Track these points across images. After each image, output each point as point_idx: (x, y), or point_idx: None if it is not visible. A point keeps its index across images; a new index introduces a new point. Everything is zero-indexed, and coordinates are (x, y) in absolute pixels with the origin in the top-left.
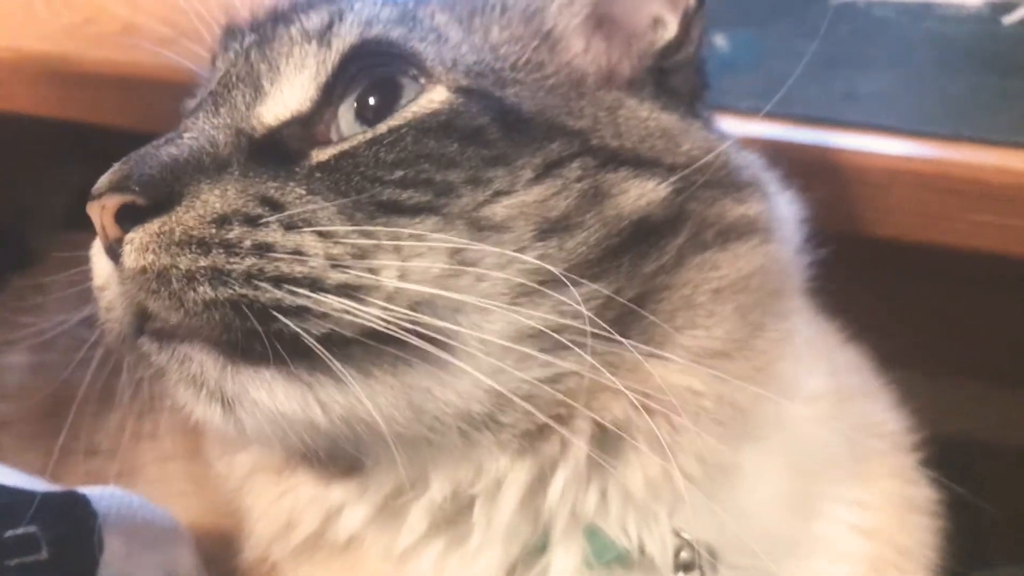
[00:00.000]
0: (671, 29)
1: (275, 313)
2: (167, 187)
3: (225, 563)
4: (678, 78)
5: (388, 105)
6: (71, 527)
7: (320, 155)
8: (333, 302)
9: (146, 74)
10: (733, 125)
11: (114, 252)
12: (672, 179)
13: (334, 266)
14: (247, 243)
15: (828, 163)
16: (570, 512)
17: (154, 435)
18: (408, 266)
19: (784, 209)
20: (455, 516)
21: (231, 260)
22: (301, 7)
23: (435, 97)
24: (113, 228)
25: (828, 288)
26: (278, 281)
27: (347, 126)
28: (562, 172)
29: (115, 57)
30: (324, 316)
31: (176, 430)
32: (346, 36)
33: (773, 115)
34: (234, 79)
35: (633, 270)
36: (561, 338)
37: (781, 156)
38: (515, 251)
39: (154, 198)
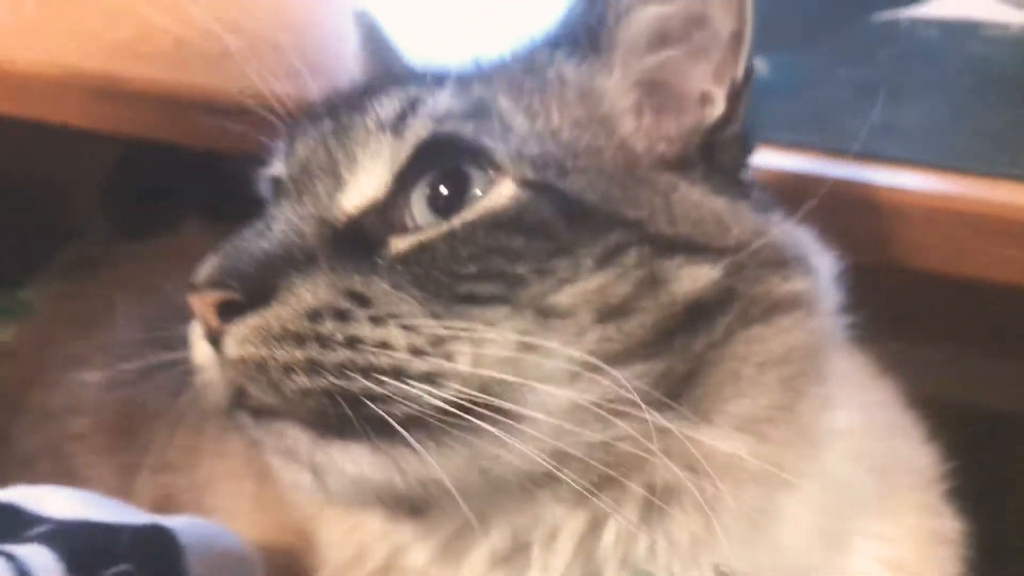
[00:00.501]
0: (719, 106)
1: (364, 400)
2: (263, 283)
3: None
4: (725, 153)
5: (458, 194)
6: (162, 562)
7: (399, 244)
8: (416, 390)
9: (194, 95)
10: (773, 158)
11: (214, 339)
12: (723, 263)
13: (416, 355)
14: (339, 337)
15: (865, 198)
16: (621, 558)
17: (224, 453)
18: (481, 353)
19: (827, 274)
20: (514, 557)
21: (325, 352)
22: (373, 93)
23: (504, 192)
24: (214, 319)
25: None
26: (366, 371)
27: (420, 212)
28: (621, 260)
29: (163, 77)
30: (406, 400)
31: (246, 451)
32: (419, 129)
33: (814, 147)
34: (315, 167)
35: (685, 347)
36: (617, 408)
37: (818, 188)
38: (577, 334)
39: (251, 294)
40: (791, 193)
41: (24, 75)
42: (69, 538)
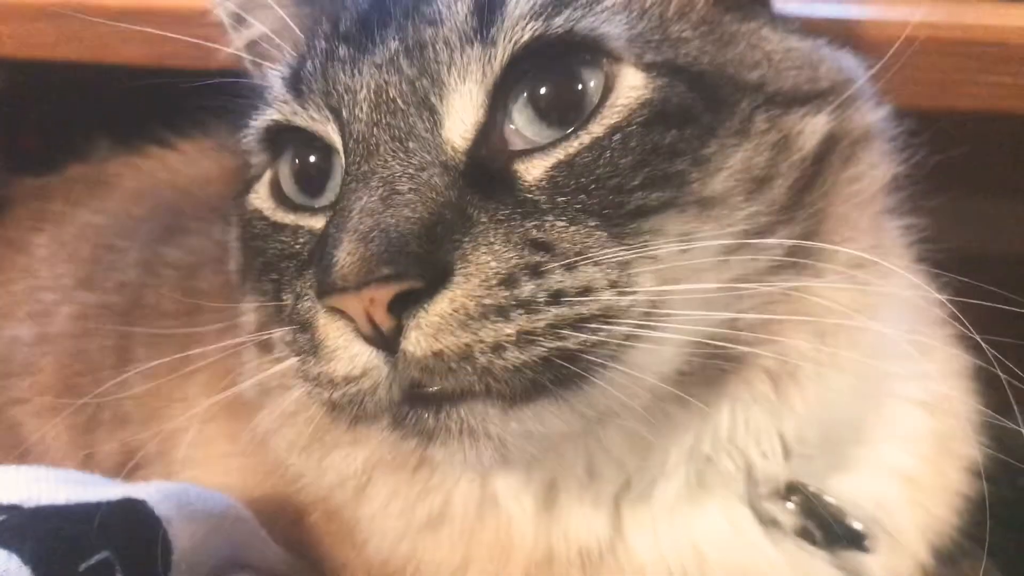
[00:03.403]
0: None
1: (587, 356)
2: (434, 260)
3: (279, 521)
4: None
5: (570, 96)
6: (140, 541)
7: (531, 169)
8: (625, 328)
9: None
10: None
11: (384, 341)
12: (828, 108)
13: (618, 291)
14: (542, 297)
15: (842, 35)
16: (727, 442)
17: (186, 397)
18: (660, 268)
19: None
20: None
21: (534, 318)
22: None
23: (634, 83)
24: (387, 319)
25: None
26: (577, 324)
27: (527, 126)
28: (753, 129)
29: None
30: (613, 339)
31: (208, 390)
32: (514, 31)
33: None
34: (398, 101)
35: (812, 203)
36: (753, 280)
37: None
38: (729, 217)
39: (430, 277)
40: None
41: None
42: (34, 533)
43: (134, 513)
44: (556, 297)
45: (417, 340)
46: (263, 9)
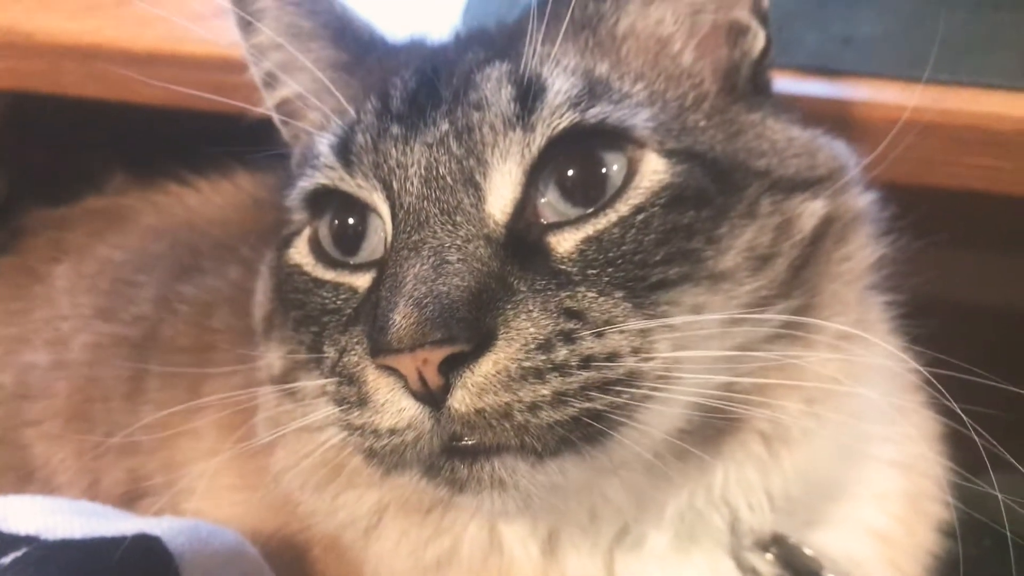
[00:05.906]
0: (760, 37)
1: (610, 415)
2: (481, 325)
3: (283, 556)
4: (763, 79)
5: (592, 178)
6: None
7: (562, 242)
8: (644, 390)
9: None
10: None
11: (431, 398)
12: (827, 193)
13: (641, 358)
14: (574, 361)
15: (831, 113)
16: (719, 497)
17: (196, 432)
18: (677, 336)
19: None
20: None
21: (567, 381)
22: (467, 79)
23: (656, 167)
24: (436, 378)
25: None
26: (604, 386)
27: (556, 201)
28: (759, 211)
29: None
30: (635, 400)
31: (218, 426)
32: (552, 119)
33: (776, 66)
34: (447, 179)
35: (807, 279)
36: (751, 350)
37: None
38: (734, 291)
39: (477, 341)
40: None
41: None
42: (56, 568)
43: (148, 549)
44: (587, 362)
45: (462, 398)
46: (299, 71)
